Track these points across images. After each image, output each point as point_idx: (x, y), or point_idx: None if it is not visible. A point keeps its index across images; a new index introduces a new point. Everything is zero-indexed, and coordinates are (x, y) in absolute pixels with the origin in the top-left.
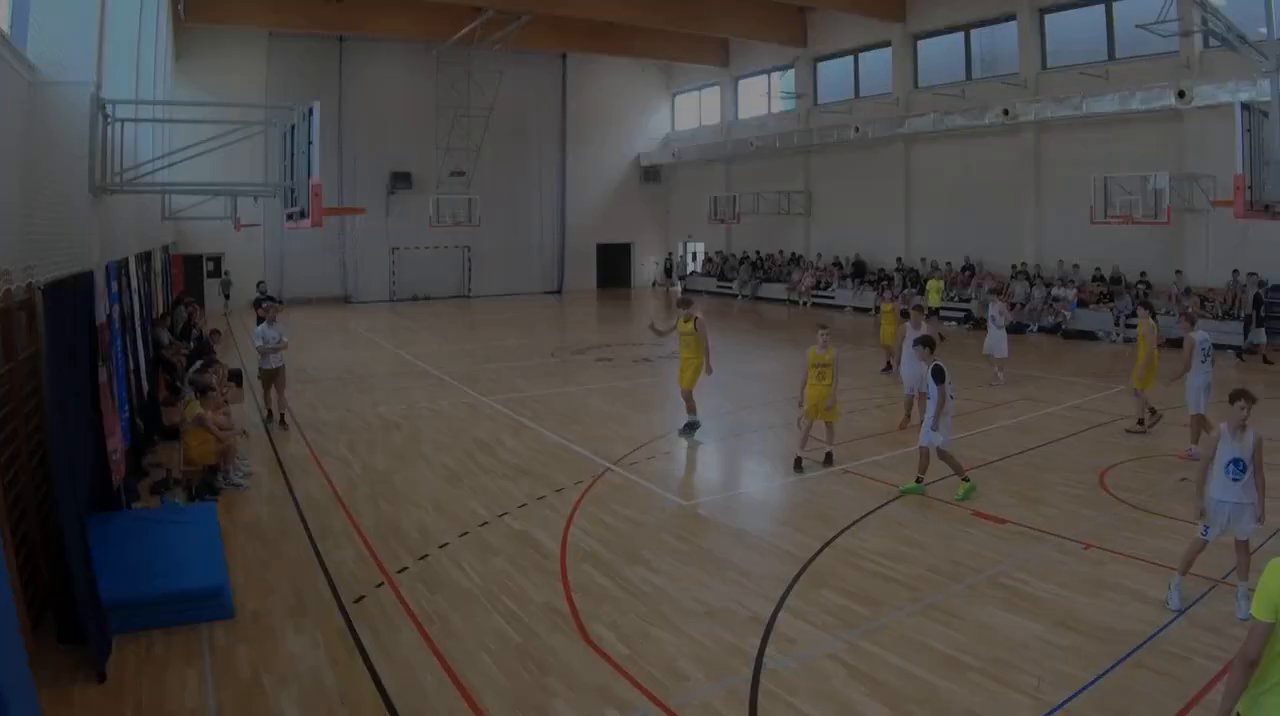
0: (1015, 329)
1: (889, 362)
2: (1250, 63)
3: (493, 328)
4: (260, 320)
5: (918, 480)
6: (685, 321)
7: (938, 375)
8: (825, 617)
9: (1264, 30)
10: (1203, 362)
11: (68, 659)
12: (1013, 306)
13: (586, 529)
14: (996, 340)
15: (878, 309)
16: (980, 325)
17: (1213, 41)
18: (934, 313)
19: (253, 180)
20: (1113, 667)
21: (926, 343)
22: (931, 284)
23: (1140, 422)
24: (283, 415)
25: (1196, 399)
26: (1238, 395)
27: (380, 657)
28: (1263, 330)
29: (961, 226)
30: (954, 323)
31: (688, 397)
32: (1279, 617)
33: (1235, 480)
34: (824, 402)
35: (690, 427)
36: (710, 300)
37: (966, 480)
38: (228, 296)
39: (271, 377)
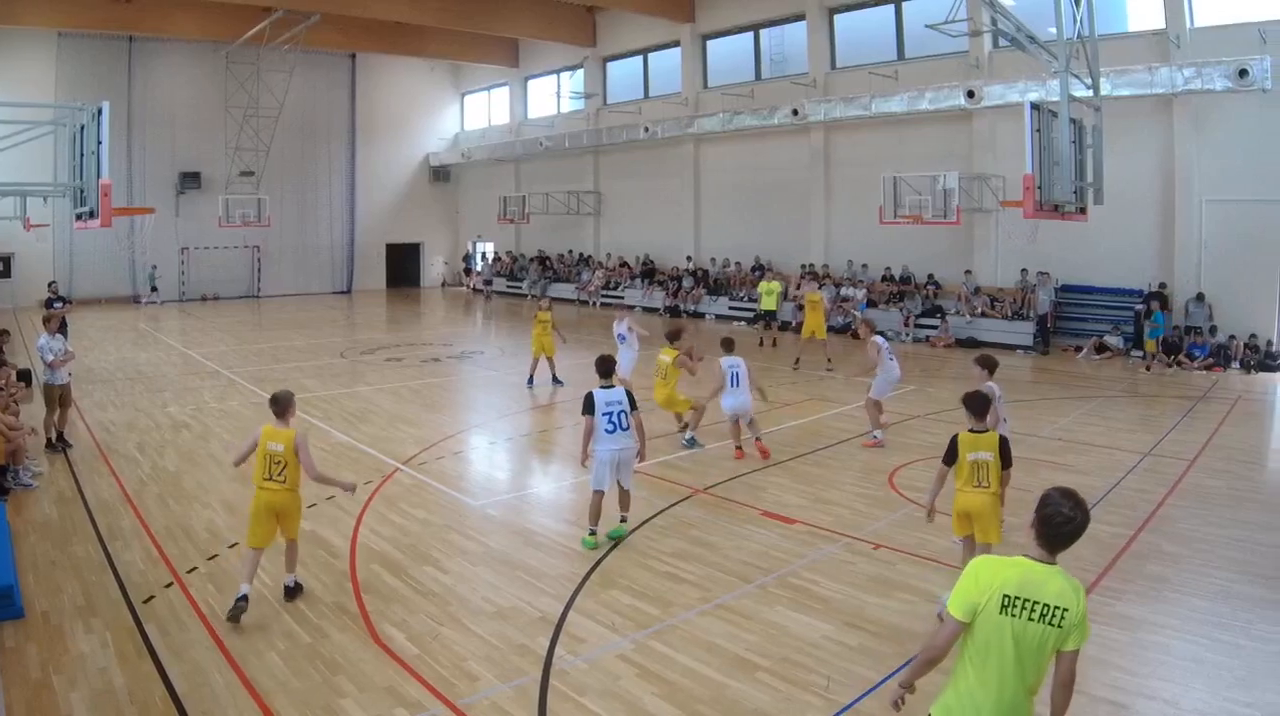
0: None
1: (531, 376)
2: (1040, 63)
3: (282, 327)
4: (61, 328)
5: (622, 519)
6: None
7: (586, 403)
8: (615, 617)
9: (1053, 30)
10: (890, 361)
11: None
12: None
13: (376, 529)
14: (625, 361)
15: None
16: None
17: (1002, 42)
18: (769, 317)
19: (42, 180)
20: (902, 667)
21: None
22: (764, 286)
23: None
24: (61, 433)
25: (883, 390)
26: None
27: (169, 658)
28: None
29: (751, 226)
30: (743, 323)
31: None
32: (975, 619)
33: None
34: None
35: None
36: (499, 300)
37: (593, 533)
38: (154, 288)
39: (59, 394)
